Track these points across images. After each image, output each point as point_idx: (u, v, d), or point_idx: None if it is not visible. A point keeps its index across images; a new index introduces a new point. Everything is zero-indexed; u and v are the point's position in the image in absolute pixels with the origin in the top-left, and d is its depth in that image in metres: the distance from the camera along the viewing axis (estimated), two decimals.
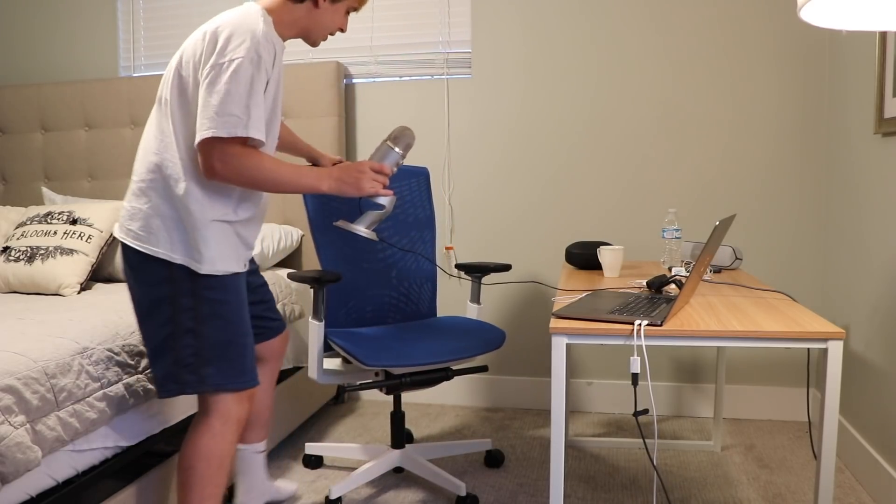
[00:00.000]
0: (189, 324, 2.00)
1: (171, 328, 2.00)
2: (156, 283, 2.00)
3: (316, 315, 2.60)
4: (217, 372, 2.04)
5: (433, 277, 3.10)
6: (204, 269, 1.99)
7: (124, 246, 2.03)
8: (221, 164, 1.91)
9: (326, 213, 2.83)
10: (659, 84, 3.51)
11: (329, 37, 2.34)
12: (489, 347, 2.69)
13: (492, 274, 3.12)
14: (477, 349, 2.65)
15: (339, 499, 2.68)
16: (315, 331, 2.60)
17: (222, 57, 1.90)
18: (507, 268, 2.97)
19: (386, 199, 2.21)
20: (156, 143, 2.02)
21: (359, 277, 2.91)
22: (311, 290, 2.62)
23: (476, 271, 3.02)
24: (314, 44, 2.20)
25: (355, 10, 2.20)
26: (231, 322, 2.06)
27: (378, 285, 2.96)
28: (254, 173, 1.94)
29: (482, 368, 2.87)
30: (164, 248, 1.98)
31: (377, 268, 2.97)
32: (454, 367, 2.74)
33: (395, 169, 2.20)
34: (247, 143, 1.95)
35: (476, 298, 3.03)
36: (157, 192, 2.00)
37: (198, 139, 1.90)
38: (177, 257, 1.98)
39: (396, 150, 2.19)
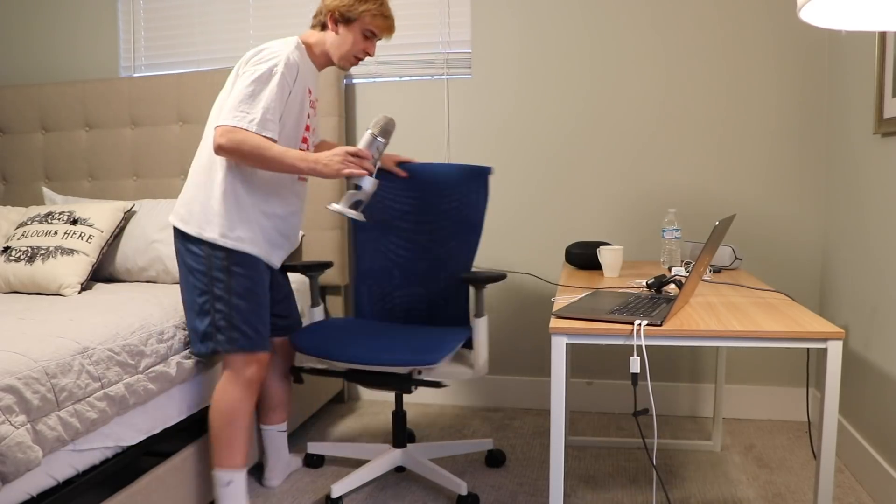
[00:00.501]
0: (221, 294, 2.40)
1: (207, 297, 2.40)
2: (196, 258, 2.41)
3: (314, 304, 2.93)
4: (241, 337, 2.42)
5: (463, 283, 2.91)
6: (230, 244, 2.39)
7: (174, 227, 2.47)
8: (226, 139, 2.27)
9: (367, 211, 2.85)
10: (658, 84, 3.51)
11: (358, 61, 2.59)
12: (415, 361, 2.48)
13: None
14: (401, 361, 2.49)
15: (340, 498, 2.69)
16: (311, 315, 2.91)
17: (248, 67, 2.37)
18: (501, 277, 2.69)
19: (366, 182, 2.37)
20: (205, 143, 2.47)
21: (392, 274, 2.96)
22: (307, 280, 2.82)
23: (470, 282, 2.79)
24: (341, 67, 2.59)
25: (374, 35, 2.54)
26: (255, 294, 2.45)
27: (409, 284, 2.97)
28: (250, 148, 2.27)
29: (437, 384, 2.62)
30: (202, 229, 2.40)
31: (410, 266, 2.97)
32: (416, 378, 2.61)
33: (376, 154, 2.40)
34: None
35: (479, 311, 2.71)
36: (201, 184, 2.44)
37: (215, 125, 2.33)
38: (211, 236, 2.38)
39: (370, 132, 2.39)
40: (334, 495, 2.67)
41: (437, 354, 2.49)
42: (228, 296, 2.40)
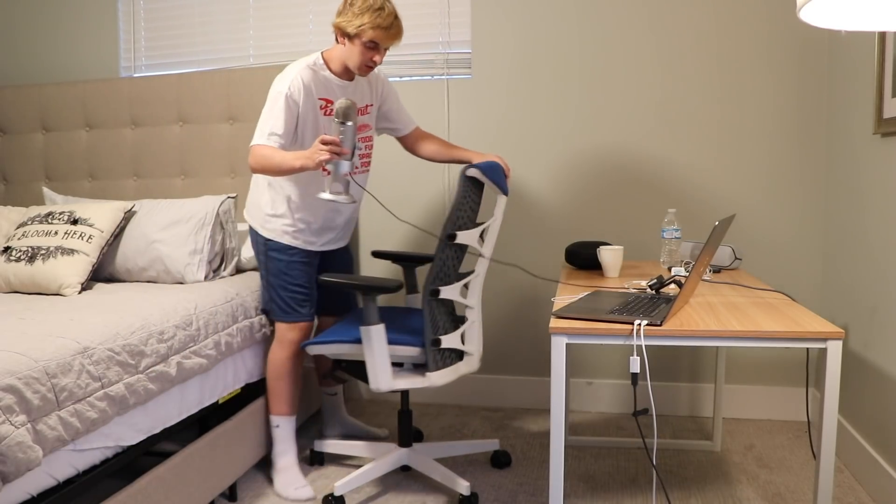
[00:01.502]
0: (264, 273, 2.95)
1: (261, 276, 2.98)
2: (254, 245, 2.98)
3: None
4: (278, 309, 2.91)
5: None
6: (267, 234, 2.88)
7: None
8: (252, 158, 2.64)
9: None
10: (658, 84, 3.51)
11: (370, 69, 2.75)
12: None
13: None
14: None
15: (342, 497, 2.69)
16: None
17: (269, 94, 2.73)
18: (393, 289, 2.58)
19: (340, 166, 2.53)
20: None
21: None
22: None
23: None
24: (358, 73, 2.76)
25: (375, 45, 2.67)
26: (287, 275, 2.88)
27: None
28: (261, 160, 2.62)
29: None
30: (253, 222, 2.95)
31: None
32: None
33: (348, 137, 2.51)
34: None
35: (367, 319, 2.64)
36: (254, 186, 2.97)
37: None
38: (257, 228, 2.93)
39: (335, 120, 2.52)
40: (338, 493, 2.67)
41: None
42: (267, 275, 2.92)
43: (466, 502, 2.66)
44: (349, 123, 2.53)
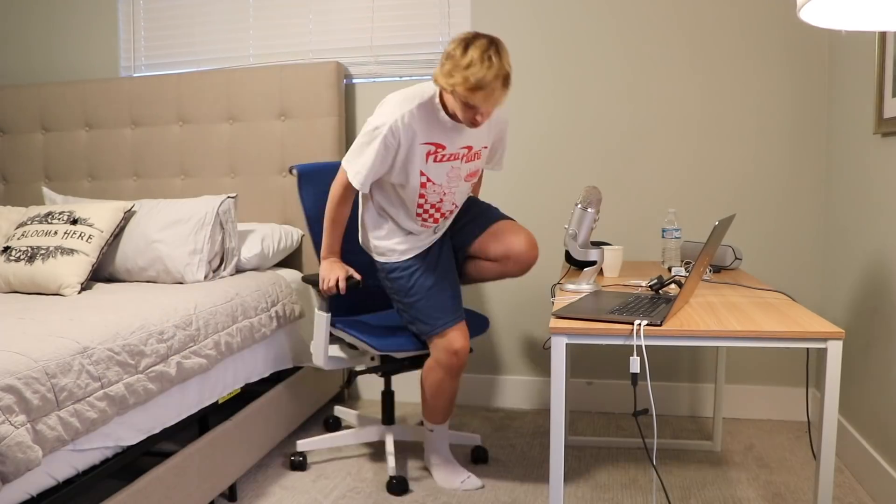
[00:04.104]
0: (394, 296, 2.82)
1: (399, 311, 2.84)
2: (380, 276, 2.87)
3: (321, 308, 2.86)
4: (421, 323, 2.74)
5: None
6: (381, 259, 2.80)
7: None
8: (334, 187, 2.70)
9: (322, 208, 2.87)
10: (659, 83, 3.51)
11: (476, 123, 2.53)
12: (473, 332, 2.85)
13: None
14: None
15: (304, 455, 3.04)
16: (321, 321, 2.85)
17: (369, 120, 2.62)
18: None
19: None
20: None
21: (361, 265, 2.94)
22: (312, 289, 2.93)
23: None
24: (467, 125, 2.55)
25: (469, 106, 2.46)
26: (412, 289, 2.74)
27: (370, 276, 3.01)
28: (330, 205, 2.72)
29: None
30: (372, 251, 2.83)
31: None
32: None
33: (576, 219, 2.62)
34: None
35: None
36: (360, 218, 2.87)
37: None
38: (376, 256, 2.82)
39: (577, 204, 2.62)
40: (299, 449, 3.01)
41: (483, 320, 3.02)
42: (398, 297, 2.80)
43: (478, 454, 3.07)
44: (590, 211, 2.58)
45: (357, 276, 2.79)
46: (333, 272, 2.75)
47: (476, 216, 2.90)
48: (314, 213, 2.95)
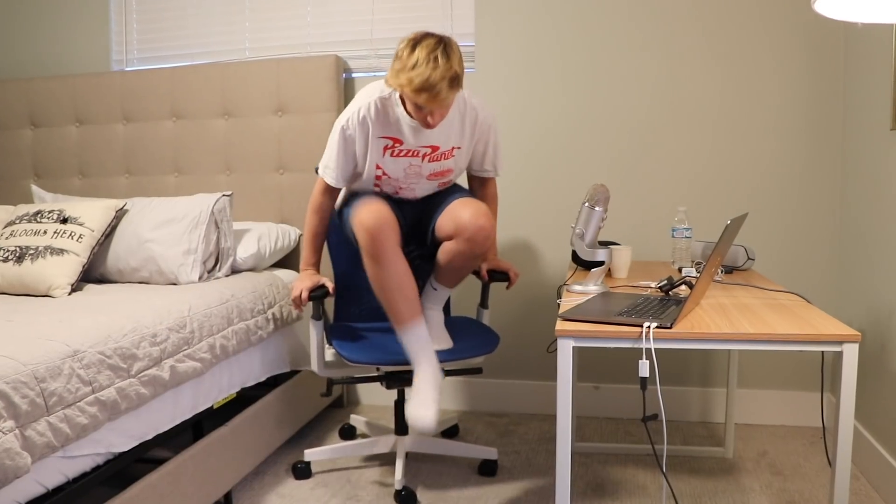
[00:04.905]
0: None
1: None
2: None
3: (313, 316, 2.85)
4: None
5: None
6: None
7: None
8: (313, 194, 2.84)
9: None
10: (668, 77, 3.50)
11: (429, 125, 2.57)
12: (478, 351, 2.77)
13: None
14: (466, 352, 2.75)
15: (308, 463, 3.01)
16: (313, 329, 2.85)
17: None
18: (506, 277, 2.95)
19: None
20: None
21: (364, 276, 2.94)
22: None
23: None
24: (421, 125, 2.60)
25: (419, 106, 2.49)
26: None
27: None
28: (308, 216, 2.85)
29: (476, 370, 2.95)
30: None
31: None
32: (447, 369, 2.83)
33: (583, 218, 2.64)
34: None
35: (484, 303, 3.10)
36: None
37: None
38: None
39: (585, 203, 2.61)
40: (305, 458, 2.98)
41: (494, 338, 2.86)
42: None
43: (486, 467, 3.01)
44: (597, 209, 2.58)
45: (329, 285, 2.81)
46: (302, 283, 2.78)
47: (440, 203, 2.85)
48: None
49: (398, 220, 2.66)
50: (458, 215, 2.62)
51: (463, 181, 3.14)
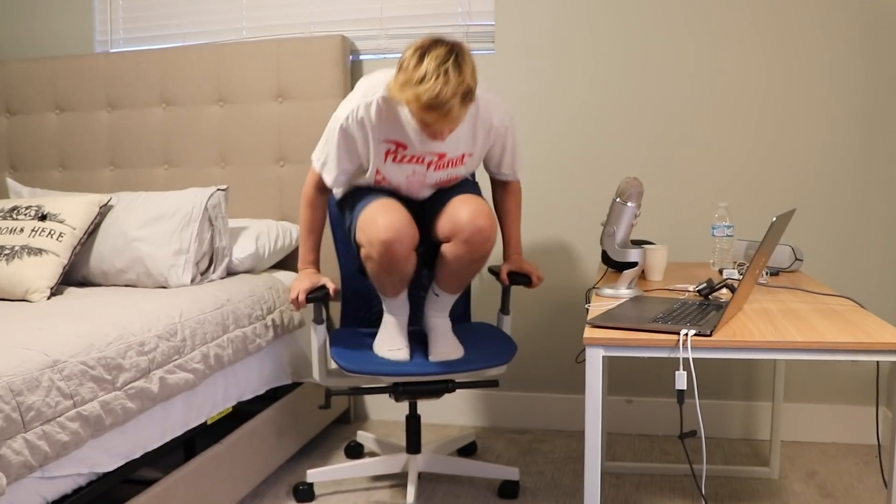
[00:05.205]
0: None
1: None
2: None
3: (315, 319, 2.87)
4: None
5: None
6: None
7: None
8: (304, 188, 2.85)
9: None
10: (707, 62, 3.49)
11: (437, 138, 2.54)
12: (492, 362, 2.73)
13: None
14: (478, 363, 2.72)
15: (311, 485, 2.98)
16: (316, 333, 2.87)
17: None
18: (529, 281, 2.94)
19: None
20: None
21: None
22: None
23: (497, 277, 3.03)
24: (429, 138, 2.55)
25: (426, 122, 2.43)
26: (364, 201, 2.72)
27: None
28: (301, 212, 2.87)
29: (492, 383, 2.92)
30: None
31: None
32: (458, 381, 2.80)
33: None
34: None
35: (505, 308, 3.07)
36: None
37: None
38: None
39: (616, 199, 2.61)
40: (308, 479, 2.95)
41: (511, 347, 2.82)
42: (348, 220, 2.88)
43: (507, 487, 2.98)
44: (630, 205, 2.57)
45: (330, 286, 2.83)
46: (300, 283, 2.79)
47: (443, 199, 2.78)
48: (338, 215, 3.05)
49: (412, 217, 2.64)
50: (456, 214, 2.58)
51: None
